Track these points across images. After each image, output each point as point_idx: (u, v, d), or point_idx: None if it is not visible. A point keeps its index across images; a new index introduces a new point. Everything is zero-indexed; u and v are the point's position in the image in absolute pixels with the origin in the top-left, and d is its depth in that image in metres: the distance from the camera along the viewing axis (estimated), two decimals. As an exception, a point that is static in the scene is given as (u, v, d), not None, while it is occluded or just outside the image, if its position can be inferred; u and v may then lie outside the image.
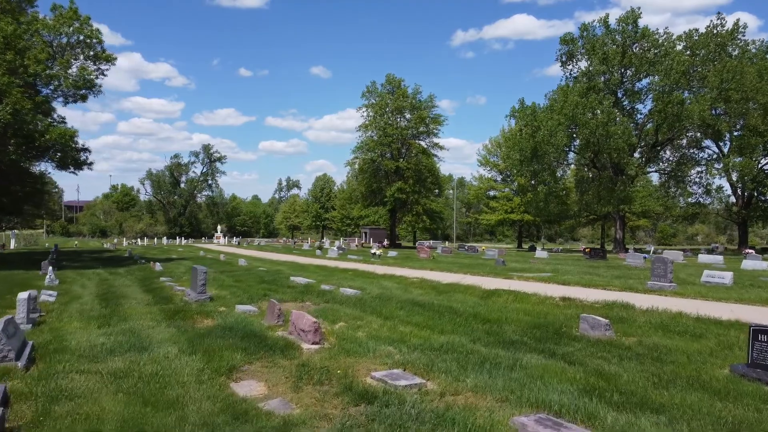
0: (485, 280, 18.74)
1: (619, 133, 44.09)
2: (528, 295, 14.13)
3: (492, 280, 18.98)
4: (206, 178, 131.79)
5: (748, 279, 19.32)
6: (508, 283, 17.52)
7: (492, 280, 19.31)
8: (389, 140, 57.63)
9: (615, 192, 47.63)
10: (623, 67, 49.13)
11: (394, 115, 60.26)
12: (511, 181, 71.54)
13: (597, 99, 45.72)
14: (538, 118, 49.47)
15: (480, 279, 19.39)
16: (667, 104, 44.43)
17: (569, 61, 54.21)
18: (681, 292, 14.77)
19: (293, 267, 26.31)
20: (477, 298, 14.34)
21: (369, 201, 60.85)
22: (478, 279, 19.35)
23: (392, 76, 61.45)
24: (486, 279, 19.51)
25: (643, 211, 61.19)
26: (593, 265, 27.50)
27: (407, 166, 57.90)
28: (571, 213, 60.27)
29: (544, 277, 19.73)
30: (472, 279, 19.17)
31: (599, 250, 33.59)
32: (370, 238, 70.57)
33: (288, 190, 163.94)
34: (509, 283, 17.95)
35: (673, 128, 46.31)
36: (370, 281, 18.76)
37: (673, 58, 44.68)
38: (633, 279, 19.57)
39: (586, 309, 12.04)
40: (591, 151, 50.90)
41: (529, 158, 51.26)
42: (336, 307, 12.76)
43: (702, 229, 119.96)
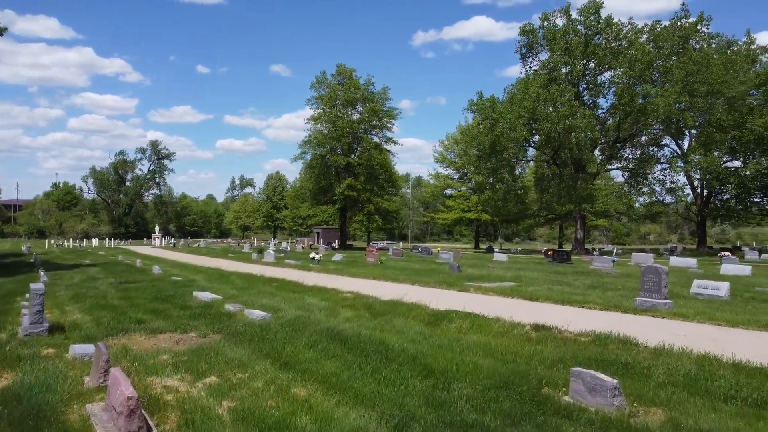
0: (436, 294, 15.24)
1: (582, 127, 41.56)
2: (489, 321, 10.63)
3: (444, 294, 15.50)
4: (154, 176, 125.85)
5: (743, 289, 16.43)
6: (463, 299, 14.07)
7: (444, 293, 15.83)
8: (339, 134, 53.76)
9: (576, 190, 45.17)
10: (586, 59, 46.71)
11: (345, 108, 56.44)
12: (468, 179, 68.77)
13: (558, 90, 43.08)
14: (497, 111, 46.58)
15: (430, 292, 15.87)
16: (631, 97, 42.14)
17: (529, 53, 51.64)
18: (680, 312, 11.58)
19: (213, 276, 22.27)
20: (422, 325, 10.77)
21: (318, 199, 56.85)
22: (427, 292, 15.83)
23: (343, 67, 57.65)
24: (437, 292, 16.01)
25: (604, 211, 59.33)
26: (559, 271, 24.42)
27: (359, 162, 54.15)
28: (530, 212, 57.83)
29: (507, 289, 16.37)
30: (420, 292, 15.64)
31: (563, 253, 30.70)
32: (321, 239, 66.71)
33: (241, 189, 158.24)
34: (465, 298, 14.50)
35: (637, 123, 44.11)
36: (293, 297, 14.99)
37: (638, 49, 42.41)
38: (611, 290, 16.42)
39: (569, 345, 8.62)
40: (552, 146, 48.42)
41: (488, 154, 48.39)
42: (222, 344, 8.99)
43: (654, 229, 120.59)
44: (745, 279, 20.37)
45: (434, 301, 13.43)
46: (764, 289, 16.57)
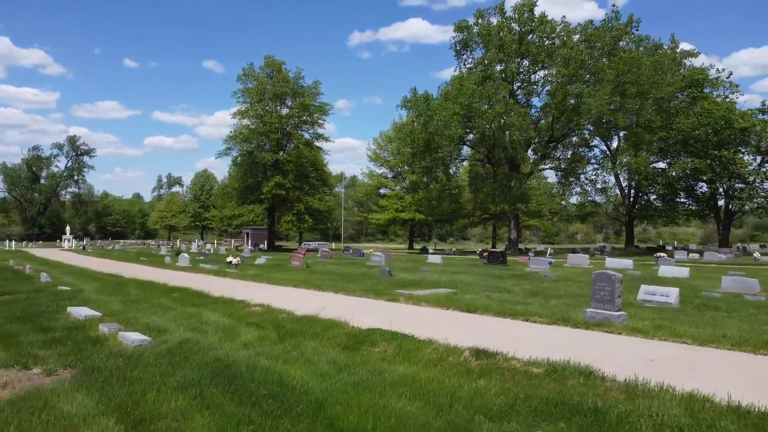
0: (361, 306, 13.25)
1: (517, 125, 40.78)
2: (420, 344, 8.69)
3: (371, 305, 13.51)
4: (72, 174, 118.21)
5: (690, 294, 15.36)
6: (391, 312, 12.12)
7: (371, 304, 13.84)
8: (267, 130, 50.86)
9: (511, 190, 44.48)
10: (520, 57, 46.13)
11: (274, 102, 53.60)
12: (402, 179, 67.38)
13: (493, 87, 42.17)
14: (431, 108, 45.20)
15: (354, 303, 13.86)
16: (564, 96, 41.79)
17: (464, 50, 50.68)
18: (637, 326, 10.07)
19: (108, 285, 19.32)
20: (337, 350, 8.70)
21: (245, 198, 53.66)
22: (351, 303, 13.81)
23: (272, 59, 54.76)
24: (362, 303, 14.01)
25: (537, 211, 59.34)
26: (496, 274, 22.99)
27: (288, 160, 51.43)
28: (465, 212, 57.00)
29: (441, 297, 14.56)
30: (343, 304, 13.60)
31: (499, 254, 29.48)
32: (250, 240, 63.53)
33: (169, 188, 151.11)
34: (394, 310, 12.56)
35: (570, 122, 43.87)
36: (191, 312, 12.55)
37: (571, 48, 42.10)
38: (554, 297, 14.96)
39: (519, 380, 6.78)
40: (486, 145, 47.60)
41: (422, 152, 46.96)
42: (64, 389, 6.65)
43: (581, 228, 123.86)
44: (685, 282, 19.54)
45: (358, 315, 11.40)
46: (710, 293, 15.58)
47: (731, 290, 16.38)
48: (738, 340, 8.82)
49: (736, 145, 42.06)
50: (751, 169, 42.21)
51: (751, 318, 11.46)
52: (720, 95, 48.06)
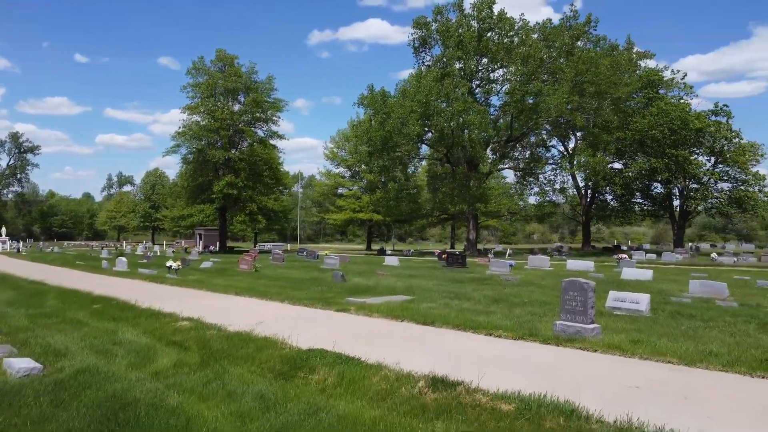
0: (306, 318, 11.82)
1: (476, 124, 39.92)
2: (367, 371, 7.30)
3: (317, 317, 12.06)
4: (14, 172, 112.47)
5: (659, 300, 14.47)
6: (339, 326, 10.73)
7: (317, 316, 12.38)
8: (218, 126, 48.60)
9: (470, 189, 43.66)
10: (479, 54, 45.35)
11: (226, 98, 51.36)
12: (360, 178, 65.96)
13: (452, 84, 41.23)
14: (388, 105, 43.95)
15: (299, 315, 12.41)
16: (523, 95, 41.21)
17: (422, 47, 49.67)
18: (613, 342, 8.96)
19: (25, 294, 17.26)
20: (269, 379, 7.24)
21: (195, 197, 51.19)
22: (296, 315, 12.36)
23: (224, 52, 52.46)
24: (308, 314, 12.55)
25: (496, 211, 58.91)
26: (455, 278, 21.85)
27: (240, 158, 49.28)
28: (423, 212, 56.02)
29: (396, 306, 13.23)
30: (286, 315, 12.14)
31: (458, 256, 28.42)
32: (202, 241, 61.09)
33: (120, 187, 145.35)
34: (342, 323, 11.15)
35: (529, 121, 43.35)
36: (106, 329, 10.84)
37: (530, 45, 41.56)
38: (518, 305, 13.83)
39: (484, 421, 5.48)
40: (445, 144, 46.66)
41: (379, 150, 45.64)
42: None
43: (538, 228, 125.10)
44: (651, 286, 18.79)
45: (300, 329, 9.97)
46: (680, 299, 14.76)
47: (700, 295, 15.63)
48: (728, 359, 7.77)
49: (690, 145, 42.36)
50: (705, 170, 42.58)
51: (730, 328, 10.54)
52: (674, 96, 48.56)
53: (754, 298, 15.21)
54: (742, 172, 41.58)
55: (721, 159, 42.15)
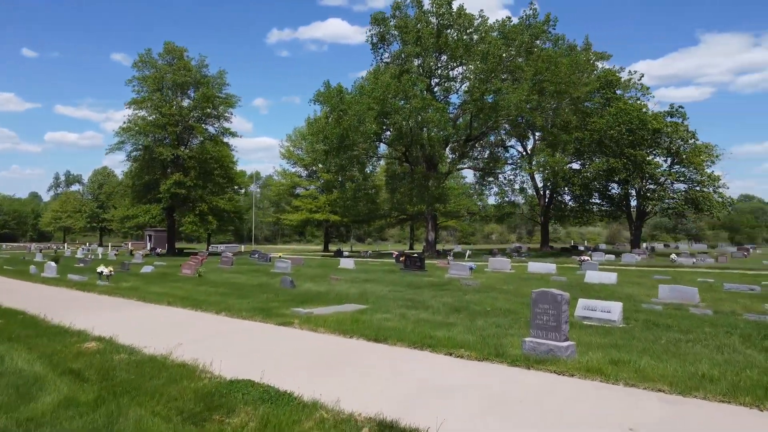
0: (239, 335, 10.27)
1: (435, 121, 38.85)
2: (299, 412, 5.84)
3: (253, 333, 10.51)
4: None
5: (629, 307, 13.47)
6: (278, 346, 9.25)
7: (254, 331, 10.83)
8: (166, 122, 46.10)
9: (428, 189, 42.58)
10: (438, 51, 44.33)
11: (174, 92, 48.85)
12: (317, 178, 64.20)
13: (410, 80, 40.04)
14: (345, 102, 42.45)
15: (232, 330, 10.83)
16: (483, 93, 40.40)
17: (381, 43, 48.39)
18: (591, 364, 7.75)
19: None
20: (175, 424, 5.70)
21: (141, 197, 48.45)
22: (229, 330, 10.78)
23: (172, 45, 49.90)
24: (243, 330, 10.98)
25: (455, 211, 58.08)
26: (414, 283, 20.55)
27: (190, 155, 46.85)
28: (382, 212, 54.73)
29: (346, 319, 11.82)
30: (215, 332, 10.55)
31: (416, 259, 27.17)
32: (152, 242, 58.33)
33: (67, 186, 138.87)
34: (281, 342, 9.65)
35: (488, 120, 42.57)
36: None
37: (489, 42, 40.77)
38: (481, 315, 12.58)
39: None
40: (404, 143, 45.48)
41: (336, 149, 44.08)
42: None
43: (496, 228, 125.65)
44: (617, 290, 17.90)
45: (228, 351, 8.45)
46: (651, 306, 13.81)
47: (670, 300, 14.76)
48: (726, 385, 6.64)
49: (648, 146, 42.38)
50: (662, 170, 42.68)
51: (713, 341, 9.53)
52: (632, 97, 48.71)
53: (725, 303, 14.43)
54: (698, 173, 41.86)
55: (677, 160, 42.31)
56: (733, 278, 21.98)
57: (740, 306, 13.93)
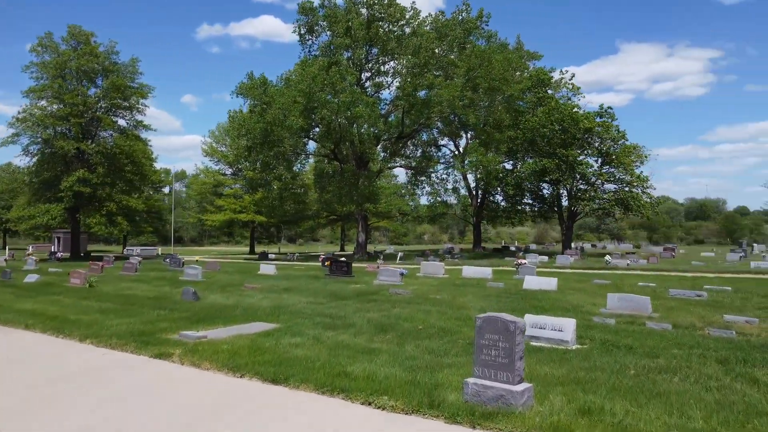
0: (80, 378, 7.65)
1: (365, 117, 36.74)
2: None
3: (105, 372, 7.92)
4: None
5: (582, 323, 11.74)
6: (133, 396, 6.73)
7: (110, 368, 8.23)
8: (68, 112, 41.53)
9: (358, 189, 40.41)
10: (369, 43, 42.24)
11: (79, 80, 44.23)
12: (242, 176, 60.70)
13: (339, 73, 37.73)
14: (269, 94, 39.62)
15: (78, 370, 8.19)
16: (415, 87, 38.70)
17: (309, 34, 45.71)
18: (553, 418, 5.78)
19: None
20: None
21: (40, 195, 43.48)
22: (74, 371, 8.14)
23: (78, 28, 45.18)
24: (92, 370, 8.36)
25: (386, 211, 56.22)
26: (338, 292, 18.25)
27: (97, 150, 42.43)
28: (310, 213, 52.11)
29: (244, 346, 9.42)
30: (55, 375, 7.89)
31: (343, 264, 24.91)
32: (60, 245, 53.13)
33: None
34: (135, 387, 7.14)
35: (420, 116, 40.90)
36: None
37: (422, 35, 39.11)
38: (411, 337, 10.45)
39: None
40: (333, 139, 43.13)
41: (260, 144, 41.13)
42: None
43: (429, 229, 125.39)
44: (559, 298, 16.32)
45: (45, 418, 5.88)
46: (603, 319, 12.16)
47: (620, 311, 13.22)
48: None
49: (579, 146, 42.06)
50: (593, 171, 42.50)
51: (690, 371, 7.81)
52: (563, 97, 48.54)
53: (680, 314, 13.05)
54: (627, 174, 41.93)
55: (607, 160, 42.24)
56: (673, 282, 21.07)
57: (696, 317, 12.56)
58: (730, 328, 11.11)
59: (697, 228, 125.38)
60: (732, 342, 9.80)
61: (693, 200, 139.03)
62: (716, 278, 22.77)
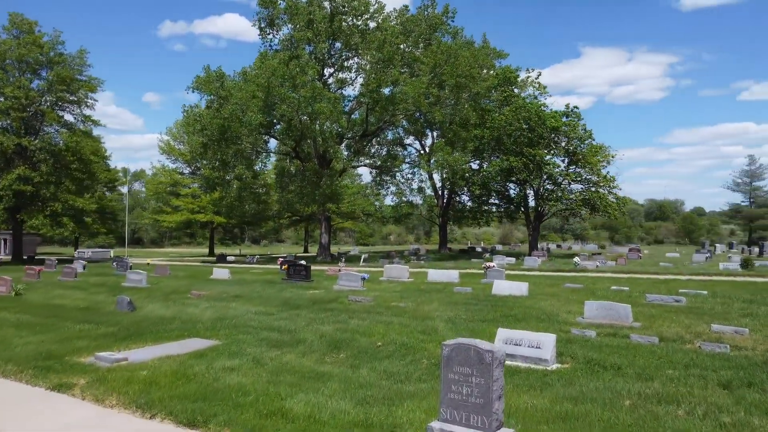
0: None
1: (327, 113, 35.16)
2: None
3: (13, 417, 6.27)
4: None
5: (560, 335, 10.53)
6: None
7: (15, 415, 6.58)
8: (9, 105, 38.68)
9: (320, 188, 38.80)
10: (332, 38, 40.68)
11: (21, 72, 41.37)
12: (200, 175, 58.31)
13: (299, 66, 36.09)
14: (226, 88, 37.70)
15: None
16: (380, 83, 37.33)
17: (270, 27, 43.84)
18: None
19: None
20: None
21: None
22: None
23: (20, 17, 42.17)
24: None
25: (351, 212, 54.74)
26: (292, 300, 16.70)
27: (40, 146, 39.70)
28: (271, 213, 50.21)
29: (167, 372, 7.87)
30: None
31: (301, 268, 23.35)
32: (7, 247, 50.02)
33: None
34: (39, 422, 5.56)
35: (385, 113, 39.56)
36: None
37: (387, 30, 37.79)
38: (367, 357, 9.05)
39: None
40: (293, 137, 41.42)
41: (217, 141, 39.12)
42: None
43: (395, 229, 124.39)
44: (531, 305, 15.12)
45: None
46: (582, 331, 10.94)
47: (599, 320, 12.08)
48: None
49: (546, 145, 41.33)
50: (560, 170, 41.83)
51: (694, 399, 6.61)
52: (529, 95, 47.85)
53: (663, 323, 11.98)
54: (594, 174, 41.38)
55: (574, 159, 41.62)
56: (646, 285, 20.20)
57: (682, 327, 11.48)
58: (721, 340, 10.04)
59: (657, 228, 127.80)
60: (729, 359, 8.69)
61: (652, 201, 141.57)
62: (689, 281, 22.04)
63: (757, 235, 73.90)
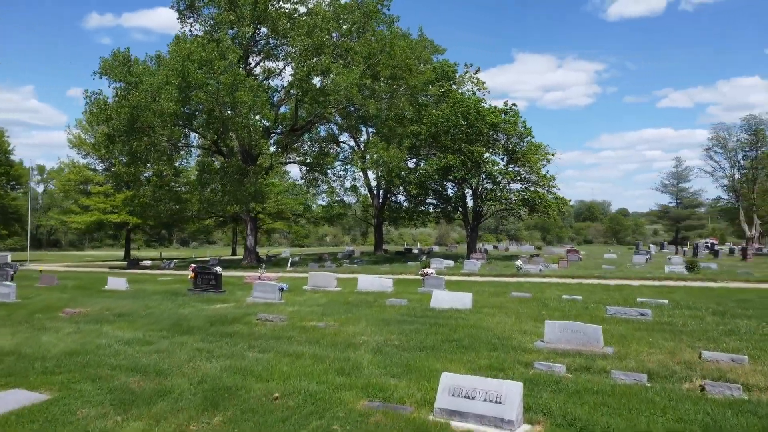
0: None
1: (248, 102, 31.78)
2: None
3: None
4: None
5: (519, 373, 8.02)
6: None
7: None
8: None
9: (244, 186, 35.34)
10: (257, 22, 37.26)
11: None
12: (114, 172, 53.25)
13: (218, 49, 32.56)
14: (134, 73, 33.63)
15: None
16: (309, 71, 34.33)
17: (189, 10, 39.93)
18: None
19: None
20: None
21: None
22: None
23: None
24: None
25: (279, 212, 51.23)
26: (187, 320, 13.47)
27: None
28: (190, 214, 46.12)
29: None
30: None
31: (211, 276, 20.05)
32: None
33: None
34: None
35: (316, 104, 36.55)
36: None
37: (317, 14, 34.84)
38: (270, 418, 6.17)
39: None
40: (214, 129, 37.71)
41: (126, 133, 34.89)
42: None
43: (330, 230, 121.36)
44: (478, 323, 12.63)
45: None
46: (550, 366, 8.45)
47: (563, 345, 9.71)
48: None
49: (485, 142, 39.57)
50: (500, 169, 40.19)
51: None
52: (468, 91, 46.14)
53: (638, 347, 9.76)
54: (533, 173, 40.01)
55: (513, 158, 40.10)
56: (598, 293, 18.27)
57: (665, 353, 9.26)
58: (724, 376, 7.80)
59: (586, 228, 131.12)
60: (750, 410, 6.40)
61: (582, 202, 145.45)
62: (642, 287, 20.37)
63: (682, 234, 75.98)
